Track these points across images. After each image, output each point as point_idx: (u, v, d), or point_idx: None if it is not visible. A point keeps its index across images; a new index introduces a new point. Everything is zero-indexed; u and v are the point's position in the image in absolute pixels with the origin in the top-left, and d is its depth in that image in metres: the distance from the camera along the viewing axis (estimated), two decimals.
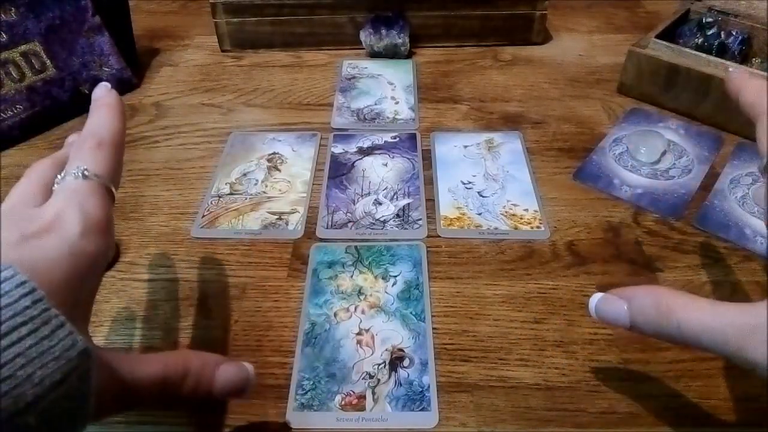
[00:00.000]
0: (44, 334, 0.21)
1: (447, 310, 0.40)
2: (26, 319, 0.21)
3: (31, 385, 0.20)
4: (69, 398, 0.22)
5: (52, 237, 0.24)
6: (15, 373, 0.20)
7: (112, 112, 0.31)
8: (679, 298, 0.26)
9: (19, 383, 0.20)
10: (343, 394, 0.35)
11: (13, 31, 0.55)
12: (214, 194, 0.50)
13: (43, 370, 0.21)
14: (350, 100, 0.61)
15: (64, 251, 0.24)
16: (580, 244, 0.44)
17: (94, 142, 0.29)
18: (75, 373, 0.22)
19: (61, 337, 0.21)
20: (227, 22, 0.68)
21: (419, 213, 0.47)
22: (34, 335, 0.21)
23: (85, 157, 0.28)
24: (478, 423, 0.33)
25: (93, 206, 0.27)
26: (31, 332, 0.21)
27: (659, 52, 0.56)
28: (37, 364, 0.20)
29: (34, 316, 0.21)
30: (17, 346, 0.20)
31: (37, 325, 0.21)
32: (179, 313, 0.40)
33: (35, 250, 0.24)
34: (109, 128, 0.30)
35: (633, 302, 0.28)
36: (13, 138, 0.56)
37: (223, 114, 0.60)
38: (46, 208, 0.26)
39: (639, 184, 0.49)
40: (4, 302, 0.21)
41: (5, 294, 0.21)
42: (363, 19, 0.67)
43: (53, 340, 0.21)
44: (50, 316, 0.21)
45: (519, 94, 0.62)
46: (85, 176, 0.27)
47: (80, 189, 0.27)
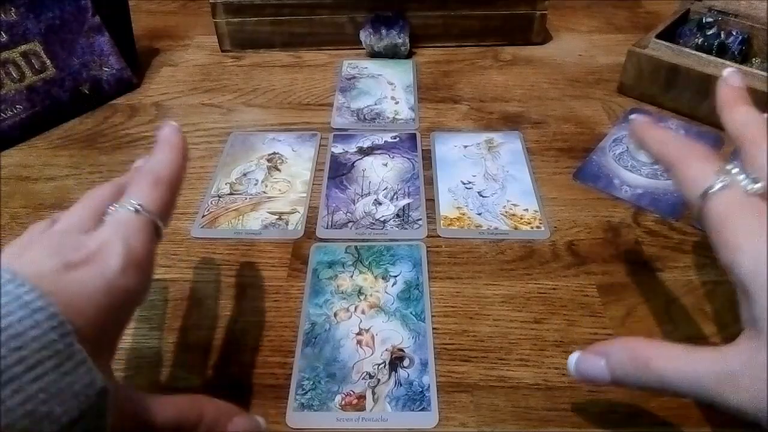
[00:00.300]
0: (66, 369, 0.21)
1: (447, 310, 0.40)
2: (52, 353, 0.21)
3: (50, 421, 0.20)
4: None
5: (93, 269, 0.24)
6: (37, 408, 0.20)
7: (175, 152, 0.31)
8: (654, 348, 0.27)
9: (39, 419, 0.20)
10: (343, 394, 0.35)
11: (13, 31, 0.55)
12: (214, 194, 0.50)
13: (62, 406, 0.21)
14: (350, 100, 0.61)
15: (102, 285, 0.24)
16: (580, 244, 0.44)
17: (152, 179, 0.29)
18: (92, 411, 0.22)
19: (82, 374, 0.21)
20: (227, 22, 0.68)
21: (419, 213, 0.47)
22: (58, 370, 0.21)
23: (140, 193, 0.29)
24: (478, 423, 0.33)
25: (138, 241, 0.27)
26: (55, 367, 0.21)
27: (659, 52, 0.56)
28: (57, 400, 0.20)
29: (59, 350, 0.21)
30: (41, 381, 0.20)
31: (61, 360, 0.21)
32: (179, 313, 0.40)
33: (73, 283, 0.24)
34: (170, 168, 0.31)
35: (610, 358, 0.28)
36: (13, 138, 0.56)
37: (223, 114, 0.60)
38: (93, 236, 0.26)
39: (639, 184, 0.49)
40: (33, 334, 0.20)
41: (36, 326, 0.21)
42: (363, 19, 0.67)
43: (74, 377, 0.21)
44: (74, 351, 0.21)
45: (519, 94, 0.62)
46: (137, 211, 0.28)
47: (129, 223, 0.27)
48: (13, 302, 0.21)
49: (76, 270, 0.24)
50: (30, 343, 0.20)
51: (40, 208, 0.49)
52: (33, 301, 0.21)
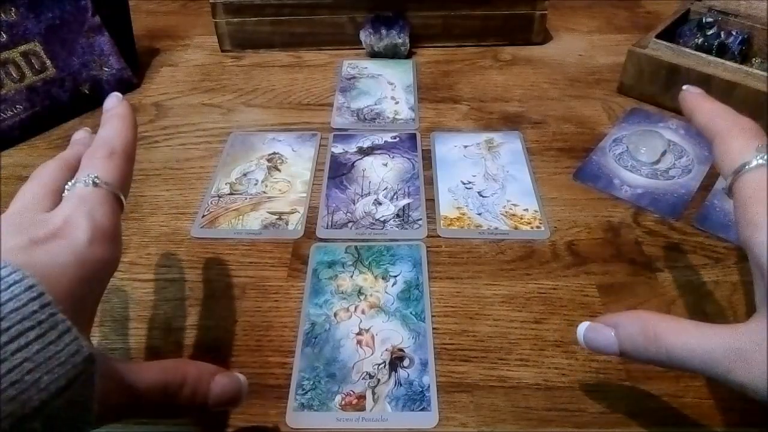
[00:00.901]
0: (51, 339, 0.21)
1: (447, 310, 0.40)
2: (34, 323, 0.21)
3: (37, 390, 0.20)
4: (73, 404, 0.22)
5: (61, 243, 0.25)
6: (23, 378, 0.20)
7: (125, 122, 0.31)
8: (664, 322, 0.27)
9: (26, 388, 0.20)
10: (343, 394, 0.35)
11: (13, 31, 0.55)
12: (214, 194, 0.50)
13: (49, 375, 0.21)
14: (350, 100, 0.61)
15: (72, 258, 0.24)
16: (580, 244, 0.44)
17: (106, 151, 0.29)
18: (79, 380, 0.22)
19: (67, 343, 0.21)
20: (227, 22, 0.68)
21: (419, 213, 0.47)
22: (41, 340, 0.21)
23: (96, 166, 0.29)
24: (478, 423, 0.33)
25: (102, 214, 0.27)
26: (38, 337, 0.21)
27: (659, 52, 0.56)
28: (43, 369, 0.20)
29: (41, 320, 0.21)
30: (25, 351, 0.20)
31: (44, 329, 0.21)
32: (179, 313, 0.40)
33: (43, 256, 0.24)
34: (122, 138, 0.31)
35: (620, 330, 0.28)
36: (13, 138, 0.56)
37: (223, 114, 0.60)
38: (56, 213, 0.26)
39: (639, 184, 0.49)
40: (13, 306, 0.21)
41: (14, 298, 0.21)
42: (363, 19, 0.67)
43: (59, 345, 0.21)
44: (57, 321, 0.21)
45: (519, 94, 0.62)
46: (95, 184, 0.28)
47: (90, 196, 0.27)
48: None
49: (44, 245, 0.24)
50: (9, 315, 0.20)
51: None
52: (8, 276, 0.21)
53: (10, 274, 0.21)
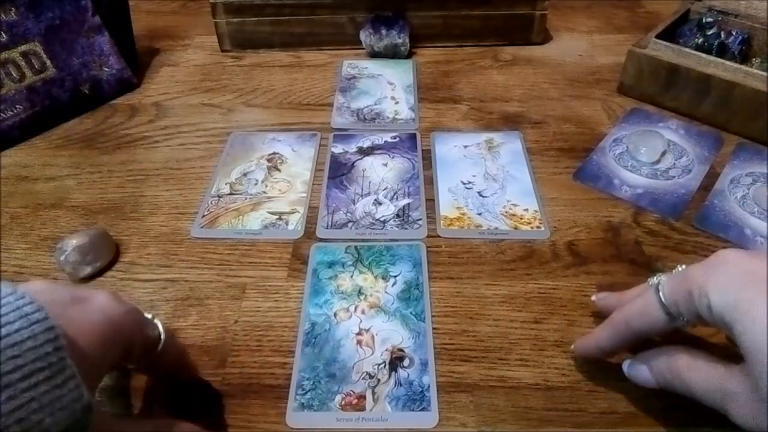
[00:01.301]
0: (57, 383, 0.22)
1: (447, 310, 0.40)
2: (45, 364, 0.22)
3: (39, 430, 0.21)
4: None
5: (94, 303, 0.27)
6: (28, 417, 0.21)
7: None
8: (683, 359, 0.30)
9: (30, 427, 0.21)
10: (343, 394, 0.35)
11: (13, 31, 0.55)
12: (214, 194, 0.50)
13: (51, 417, 0.21)
14: (350, 100, 0.61)
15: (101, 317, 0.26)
16: (580, 244, 0.44)
17: None
18: (77, 426, 0.22)
19: (71, 388, 0.22)
20: (227, 22, 0.68)
21: (419, 213, 0.47)
22: (50, 382, 0.22)
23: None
24: (478, 423, 0.33)
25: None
26: (47, 378, 0.22)
27: (659, 52, 0.56)
28: (47, 411, 0.21)
29: (52, 363, 0.22)
30: (33, 391, 0.21)
31: (53, 372, 0.22)
32: (179, 313, 0.40)
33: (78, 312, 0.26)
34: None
35: (652, 367, 0.31)
36: (13, 138, 0.56)
37: (223, 114, 0.60)
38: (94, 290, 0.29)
39: (639, 184, 0.49)
40: (30, 345, 0.21)
41: (33, 336, 0.22)
42: (363, 19, 0.67)
43: (64, 390, 0.22)
44: (65, 365, 0.22)
45: (519, 94, 0.62)
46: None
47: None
48: (13, 312, 0.22)
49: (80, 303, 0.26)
50: (26, 353, 0.21)
51: (39, 208, 0.49)
52: (32, 313, 0.22)
53: (34, 313, 0.22)
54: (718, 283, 0.27)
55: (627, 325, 0.32)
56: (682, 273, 0.30)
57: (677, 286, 0.29)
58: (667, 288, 0.29)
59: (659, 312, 0.30)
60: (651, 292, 0.30)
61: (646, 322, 0.31)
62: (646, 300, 0.30)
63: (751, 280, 0.26)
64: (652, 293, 0.30)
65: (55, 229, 0.47)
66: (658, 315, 0.30)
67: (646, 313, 0.30)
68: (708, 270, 0.28)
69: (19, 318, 0.22)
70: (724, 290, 0.26)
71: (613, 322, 0.33)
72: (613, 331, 0.32)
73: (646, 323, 0.31)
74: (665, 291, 0.29)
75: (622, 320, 0.32)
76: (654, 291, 0.30)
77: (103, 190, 0.51)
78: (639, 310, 0.31)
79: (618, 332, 0.32)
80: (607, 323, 0.33)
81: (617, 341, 0.32)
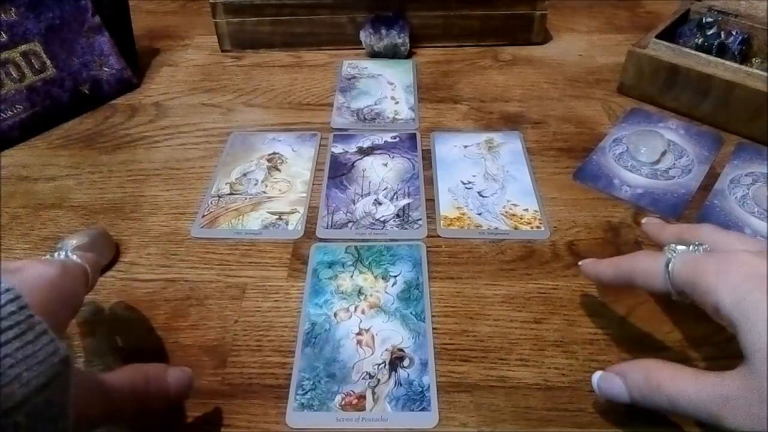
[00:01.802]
0: (29, 339, 0.22)
1: (447, 310, 0.40)
2: (12, 323, 0.22)
3: (19, 384, 0.21)
4: (52, 404, 0.23)
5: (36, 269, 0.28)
6: (5, 372, 0.21)
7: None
8: (665, 370, 0.29)
9: (9, 382, 0.21)
10: (343, 394, 0.35)
11: (13, 31, 0.55)
12: (214, 194, 0.50)
13: (29, 372, 0.22)
14: (350, 100, 0.61)
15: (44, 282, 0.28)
16: (580, 244, 0.44)
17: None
18: (57, 379, 0.23)
19: (45, 343, 0.23)
20: (227, 22, 0.68)
21: (419, 213, 0.47)
22: (20, 339, 0.22)
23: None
24: (478, 423, 0.33)
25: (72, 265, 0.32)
26: (17, 336, 0.22)
27: (659, 52, 0.56)
28: (23, 366, 0.22)
29: (19, 321, 0.22)
30: (5, 348, 0.21)
31: (22, 329, 0.22)
32: (179, 313, 0.40)
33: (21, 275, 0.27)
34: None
35: (627, 379, 0.30)
36: (13, 138, 0.56)
37: (223, 114, 0.60)
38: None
39: (639, 184, 0.49)
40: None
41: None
42: (363, 19, 0.67)
43: (37, 345, 0.22)
44: (34, 322, 0.23)
45: (519, 94, 0.62)
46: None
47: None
48: None
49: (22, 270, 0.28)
50: None
51: (39, 207, 0.49)
52: None
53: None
54: (729, 283, 0.27)
55: (630, 274, 0.33)
56: (694, 261, 0.30)
57: (687, 274, 0.29)
58: (678, 268, 0.30)
59: (662, 282, 0.31)
60: (662, 262, 0.31)
61: (647, 282, 0.32)
62: (655, 265, 0.31)
63: (761, 282, 0.26)
64: (662, 264, 0.31)
65: (55, 229, 0.47)
66: (660, 283, 0.31)
67: (650, 277, 0.31)
68: (720, 268, 0.28)
69: None
70: (734, 291, 0.27)
71: (620, 265, 0.34)
72: (616, 271, 0.34)
73: (647, 283, 0.32)
74: (674, 271, 0.30)
75: (628, 268, 0.33)
76: (664, 264, 0.30)
77: (103, 190, 0.51)
78: (645, 270, 0.32)
79: (619, 275, 0.34)
80: (614, 262, 0.34)
81: (615, 282, 0.34)
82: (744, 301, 0.26)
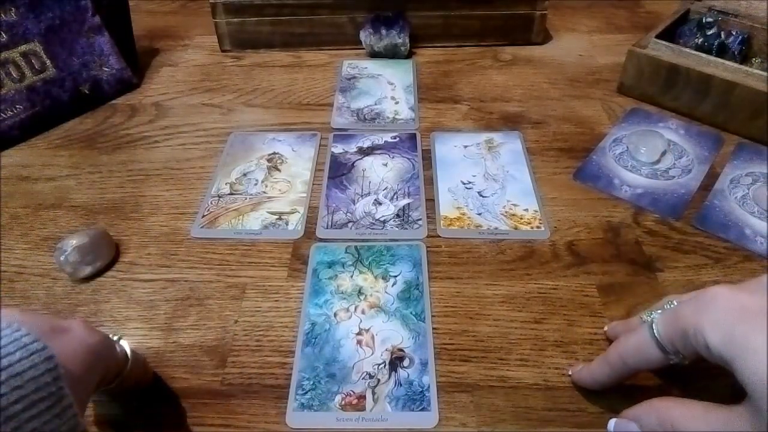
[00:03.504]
0: (57, 412, 0.23)
1: (447, 310, 0.40)
2: (46, 394, 0.22)
3: None
4: None
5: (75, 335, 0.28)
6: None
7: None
8: (676, 410, 0.29)
9: None
10: (343, 394, 0.35)
11: (13, 31, 0.55)
12: (214, 194, 0.50)
13: None
14: (350, 100, 0.61)
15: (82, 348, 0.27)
16: (580, 244, 0.44)
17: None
18: None
19: (69, 417, 0.23)
20: (227, 22, 0.68)
21: (419, 213, 0.47)
22: (50, 412, 0.22)
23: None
24: (478, 423, 0.33)
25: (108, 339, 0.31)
26: (48, 408, 0.22)
27: (659, 52, 0.56)
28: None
29: (52, 392, 0.23)
30: (36, 421, 0.22)
31: (53, 402, 0.23)
32: (179, 313, 0.40)
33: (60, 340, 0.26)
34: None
35: (642, 423, 0.30)
36: (13, 138, 0.56)
37: (223, 114, 0.60)
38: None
39: (639, 184, 0.49)
40: (31, 375, 0.22)
41: (33, 367, 0.22)
42: (363, 19, 0.67)
43: (62, 419, 0.23)
44: (64, 395, 0.23)
45: (519, 94, 0.62)
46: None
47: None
48: (13, 344, 0.23)
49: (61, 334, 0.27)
50: (28, 383, 0.22)
51: (39, 208, 0.49)
52: (30, 344, 0.23)
53: (32, 343, 0.23)
54: (712, 321, 0.27)
55: (623, 361, 0.32)
56: (673, 312, 0.30)
57: (671, 325, 0.29)
58: (661, 327, 0.30)
59: (654, 349, 0.30)
60: (645, 329, 0.30)
61: (641, 359, 0.31)
62: (641, 337, 0.31)
63: (744, 315, 0.26)
64: (647, 331, 0.30)
65: (55, 229, 0.47)
66: (653, 352, 0.30)
67: (642, 351, 0.31)
68: (699, 308, 0.28)
69: (18, 349, 0.22)
70: (719, 327, 0.27)
71: (609, 358, 0.33)
72: (609, 366, 0.33)
73: (642, 360, 0.31)
74: (659, 329, 0.30)
75: (618, 356, 0.32)
76: (648, 329, 0.30)
77: (103, 190, 0.51)
78: (634, 347, 0.31)
79: (614, 368, 0.32)
80: (603, 358, 0.33)
81: (614, 376, 0.33)
82: (731, 336, 0.26)
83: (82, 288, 0.42)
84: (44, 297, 0.41)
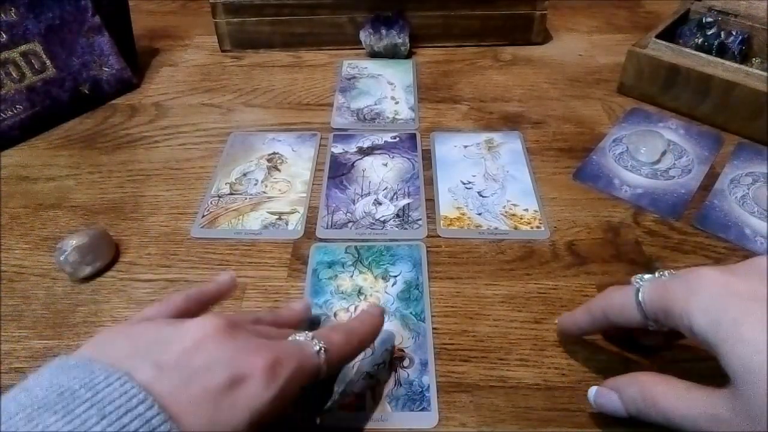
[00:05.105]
0: None
1: (447, 310, 0.40)
2: None
3: None
4: None
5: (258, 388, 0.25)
6: None
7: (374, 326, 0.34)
8: (660, 385, 0.29)
9: None
10: (342, 394, 0.35)
11: (13, 31, 0.55)
12: (214, 194, 0.50)
13: None
14: (350, 100, 0.61)
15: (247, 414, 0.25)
16: (580, 244, 0.44)
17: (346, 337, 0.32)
18: None
19: None
20: (227, 22, 0.68)
21: (419, 213, 0.47)
22: None
23: (332, 341, 0.30)
24: (478, 423, 0.33)
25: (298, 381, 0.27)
26: None
27: (659, 52, 0.56)
28: None
29: None
30: None
31: None
32: None
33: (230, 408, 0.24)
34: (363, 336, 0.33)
35: (623, 394, 0.30)
36: (13, 138, 0.56)
37: (223, 114, 0.60)
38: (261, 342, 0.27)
39: (639, 184, 0.49)
40: None
41: None
42: (363, 19, 0.67)
43: None
44: None
45: (519, 94, 0.62)
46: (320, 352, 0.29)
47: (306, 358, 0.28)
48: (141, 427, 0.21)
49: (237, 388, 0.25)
50: None
51: (39, 208, 0.49)
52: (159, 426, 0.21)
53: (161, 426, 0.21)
54: (700, 305, 0.27)
55: (604, 315, 0.32)
56: (662, 286, 0.29)
57: (657, 300, 0.29)
58: (647, 296, 0.30)
59: (635, 313, 0.30)
60: (632, 293, 0.30)
61: (622, 318, 0.31)
62: (626, 299, 0.31)
63: (733, 300, 0.26)
64: (633, 295, 0.30)
65: (55, 229, 0.47)
66: (634, 315, 0.30)
67: (624, 311, 0.31)
68: (688, 290, 0.28)
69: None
70: (707, 312, 0.26)
71: (592, 309, 0.33)
72: (591, 316, 0.34)
73: (623, 319, 0.31)
74: (645, 298, 0.30)
75: (601, 310, 0.33)
76: (634, 293, 0.30)
77: (103, 190, 0.51)
78: (619, 305, 0.32)
79: (595, 319, 0.33)
80: (586, 307, 0.34)
81: (595, 326, 0.34)
82: (719, 322, 0.26)
83: (82, 288, 0.42)
84: (44, 297, 0.41)
